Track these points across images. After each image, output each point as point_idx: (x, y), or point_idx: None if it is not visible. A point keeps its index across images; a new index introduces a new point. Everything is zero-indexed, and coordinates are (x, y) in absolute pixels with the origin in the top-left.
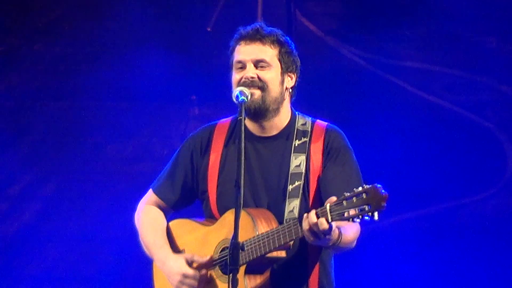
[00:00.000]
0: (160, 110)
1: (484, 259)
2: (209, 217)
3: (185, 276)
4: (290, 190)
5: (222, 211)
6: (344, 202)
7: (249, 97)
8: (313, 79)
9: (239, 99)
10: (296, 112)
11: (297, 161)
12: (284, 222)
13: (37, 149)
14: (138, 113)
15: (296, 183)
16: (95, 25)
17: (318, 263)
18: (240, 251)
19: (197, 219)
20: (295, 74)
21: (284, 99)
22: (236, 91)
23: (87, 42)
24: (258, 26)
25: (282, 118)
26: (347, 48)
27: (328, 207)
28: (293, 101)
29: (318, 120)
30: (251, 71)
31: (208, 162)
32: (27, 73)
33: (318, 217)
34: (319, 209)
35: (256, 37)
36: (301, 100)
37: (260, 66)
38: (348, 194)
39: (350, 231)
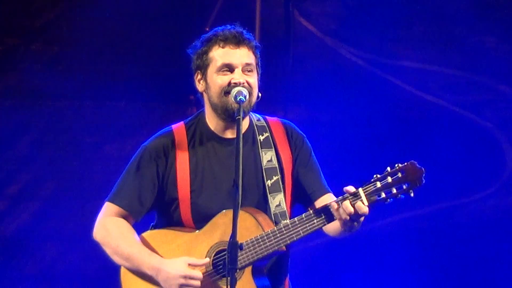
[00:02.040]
0: (159, 109)
1: (483, 259)
2: (176, 225)
3: (188, 277)
4: (269, 185)
5: (197, 218)
6: (378, 183)
7: (247, 97)
8: (311, 79)
9: (238, 99)
10: None
11: (268, 156)
12: (273, 217)
13: (36, 148)
14: (137, 113)
15: (274, 178)
16: (92, 24)
17: (289, 257)
18: (239, 250)
19: (170, 228)
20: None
21: None
22: (234, 91)
23: (84, 42)
24: (239, 29)
25: (246, 118)
26: (346, 48)
27: (361, 191)
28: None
29: (266, 116)
30: (241, 77)
31: (176, 171)
32: (25, 73)
33: (353, 204)
34: (347, 195)
35: (244, 41)
36: (299, 100)
37: (247, 71)
38: (380, 175)
39: None
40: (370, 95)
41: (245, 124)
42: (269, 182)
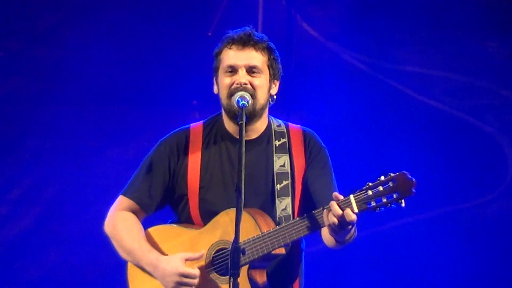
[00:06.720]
0: (161, 114)
1: (486, 263)
2: (185, 221)
3: (183, 275)
4: (278, 189)
5: (205, 215)
6: (369, 192)
7: (250, 102)
8: (313, 83)
9: (240, 104)
10: (269, 115)
11: (281, 161)
12: (278, 220)
13: (38, 152)
14: (139, 118)
15: (284, 182)
16: (94, 29)
17: (300, 261)
18: (242, 255)
19: (177, 224)
20: (278, 81)
21: (267, 105)
22: (237, 95)
23: (86, 46)
24: (249, 31)
25: (262, 122)
26: (348, 53)
27: (352, 198)
28: (271, 106)
29: (289, 123)
30: (244, 77)
31: (187, 167)
32: (28, 77)
33: (342, 209)
34: (340, 200)
35: (249, 42)
36: (301, 105)
37: (252, 72)
38: (372, 183)
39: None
40: (372, 100)
41: (261, 127)
42: (278, 186)
